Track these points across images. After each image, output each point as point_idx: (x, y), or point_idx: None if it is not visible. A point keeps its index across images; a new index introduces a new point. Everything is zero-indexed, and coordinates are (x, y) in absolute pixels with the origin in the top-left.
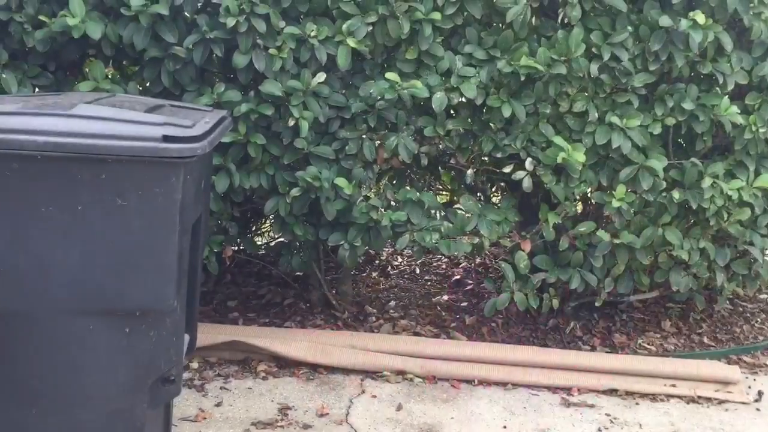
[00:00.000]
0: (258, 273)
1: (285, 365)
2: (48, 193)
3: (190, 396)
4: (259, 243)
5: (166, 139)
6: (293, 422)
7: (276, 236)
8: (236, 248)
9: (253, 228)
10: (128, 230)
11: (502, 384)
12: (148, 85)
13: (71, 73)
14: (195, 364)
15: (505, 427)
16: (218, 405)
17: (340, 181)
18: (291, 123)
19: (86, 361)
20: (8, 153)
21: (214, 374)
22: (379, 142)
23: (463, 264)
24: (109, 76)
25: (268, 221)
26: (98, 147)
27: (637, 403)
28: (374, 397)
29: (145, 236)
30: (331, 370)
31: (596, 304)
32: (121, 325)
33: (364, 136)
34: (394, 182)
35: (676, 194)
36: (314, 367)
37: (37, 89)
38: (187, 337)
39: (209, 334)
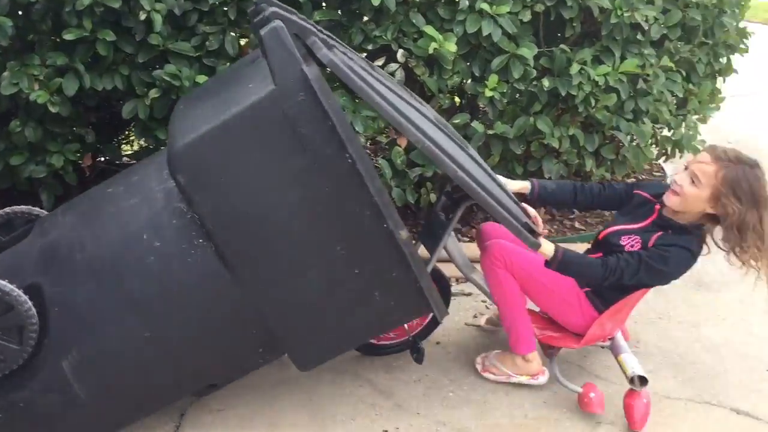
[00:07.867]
0: None
1: None
2: None
3: None
4: (129, 152)
5: None
6: None
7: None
8: (101, 158)
9: (120, 136)
10: None
11: None
12: None
13: None
14: None
15: None
16: None
17: (203, 80)
18: (142, 17)
19: None
20: None
21: None
22: (242, 36)
23: None
24: None
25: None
26: None
27: None
28: None
29: None
30: None
31: None
32: None
33: (225, 30)
34: None
35: (545, 82)
36: None
37: None
38: None
39: None
